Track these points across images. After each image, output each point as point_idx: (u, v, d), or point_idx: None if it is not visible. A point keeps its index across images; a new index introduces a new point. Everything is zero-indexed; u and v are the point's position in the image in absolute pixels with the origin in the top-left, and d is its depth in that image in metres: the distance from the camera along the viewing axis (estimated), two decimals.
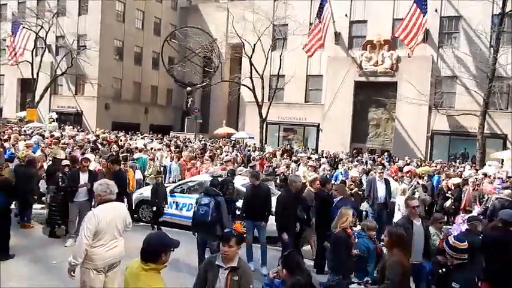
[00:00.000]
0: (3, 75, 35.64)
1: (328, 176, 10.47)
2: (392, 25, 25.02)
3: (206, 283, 3.47)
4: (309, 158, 15.10)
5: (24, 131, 19.95)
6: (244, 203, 7.23)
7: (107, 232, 4.15)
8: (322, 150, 22.55)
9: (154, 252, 3.04)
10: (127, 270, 3.18)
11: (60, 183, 7.86)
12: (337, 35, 26.61)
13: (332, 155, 19.40)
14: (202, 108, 35.03)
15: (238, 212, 7.62)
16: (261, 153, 17.28)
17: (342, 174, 12.47)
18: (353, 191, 10.05)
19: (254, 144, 23.53)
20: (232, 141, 24.28)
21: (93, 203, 7.08)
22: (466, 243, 3.79)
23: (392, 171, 11.99)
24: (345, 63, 25.77)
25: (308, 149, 23.30)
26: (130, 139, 19.31)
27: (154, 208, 8.97)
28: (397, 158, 20.42)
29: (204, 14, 37.06)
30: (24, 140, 14.12)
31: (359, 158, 18.70)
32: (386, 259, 4.24)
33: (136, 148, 13.90)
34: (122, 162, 9.47)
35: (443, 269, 3.97)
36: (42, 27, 30.08)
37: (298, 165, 13.32)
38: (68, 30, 32.38)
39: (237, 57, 28.93)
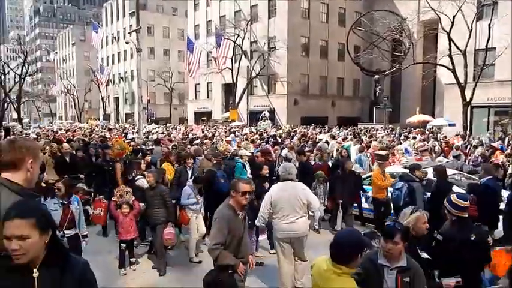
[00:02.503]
0: (211, 82, 42.28)
1: None
2: None
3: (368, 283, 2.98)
4: None
5: (230, 129, 23.04)
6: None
7: (282, 206, 4.82)
8: None
9: (349, 254, 2.79)
10: (313, 269, 2.98)
11: None
12: None
13: None
14: (391, 96, 32.92)
15: None
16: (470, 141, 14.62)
17: None
18: None
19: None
20: (427, 130, 21.52)
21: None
22: (467, 202, 3.72)
23: None
24: None
25: None
26: (319, 133, 19.71)
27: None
28: None
29: None
30: (226, 137, 16.44)
31: None
32: None
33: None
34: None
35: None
36: (238, 35, 34.20)
37: None
38: (260, 34, 35.61)
39: (431, 35, 25.65)
